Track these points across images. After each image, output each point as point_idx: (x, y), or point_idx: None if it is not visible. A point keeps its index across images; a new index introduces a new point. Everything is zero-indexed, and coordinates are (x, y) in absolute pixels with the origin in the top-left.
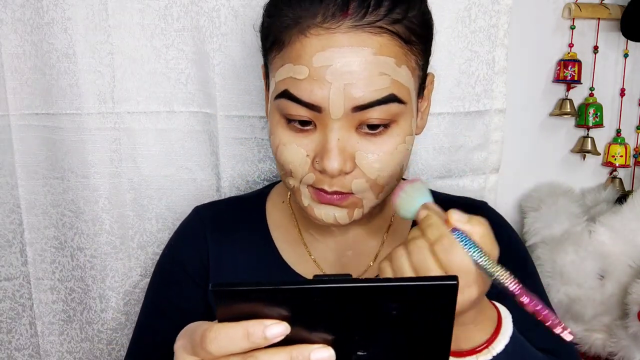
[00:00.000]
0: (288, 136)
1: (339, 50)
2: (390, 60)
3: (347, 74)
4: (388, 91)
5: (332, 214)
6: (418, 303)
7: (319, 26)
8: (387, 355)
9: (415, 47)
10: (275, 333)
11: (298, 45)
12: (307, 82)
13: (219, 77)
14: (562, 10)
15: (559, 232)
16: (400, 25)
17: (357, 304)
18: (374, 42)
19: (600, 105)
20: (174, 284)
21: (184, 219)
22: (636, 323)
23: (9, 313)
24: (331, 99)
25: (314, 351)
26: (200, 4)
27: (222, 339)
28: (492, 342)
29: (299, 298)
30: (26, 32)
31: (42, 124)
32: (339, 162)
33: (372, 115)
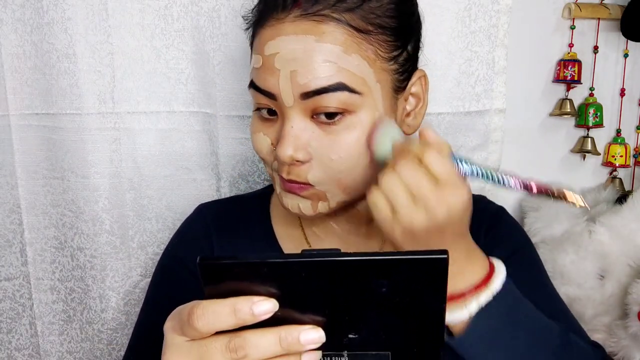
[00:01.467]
0: (257, 125)
1: (286, 38)
2: (336, 48)
3: (291, 61)
4: (335, 79)
5: (296, 203)
6: (408, 279)
7: (273, 17)
8: (379, 337)
9: (375, 37)
10: (263, 310)
11: (258, 37)
12: (262, 71)
13: (219, 77)
14: (562, 10)
15: (559, 232)
16: (352, 14)
17: (346, 280)
18: (317, 30)
19: (600, 105)
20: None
21: (187, 218)
22: (636, 323)
23: (9, 313)
24: (281, 87)
25: (304, 332)
26: (200, 4)
27: (209, 315)
28: (489, 279)
29: (287, 273)
30: (26, 32)
31: (42, 124)
32: (290, 150)
33: (322, 103)
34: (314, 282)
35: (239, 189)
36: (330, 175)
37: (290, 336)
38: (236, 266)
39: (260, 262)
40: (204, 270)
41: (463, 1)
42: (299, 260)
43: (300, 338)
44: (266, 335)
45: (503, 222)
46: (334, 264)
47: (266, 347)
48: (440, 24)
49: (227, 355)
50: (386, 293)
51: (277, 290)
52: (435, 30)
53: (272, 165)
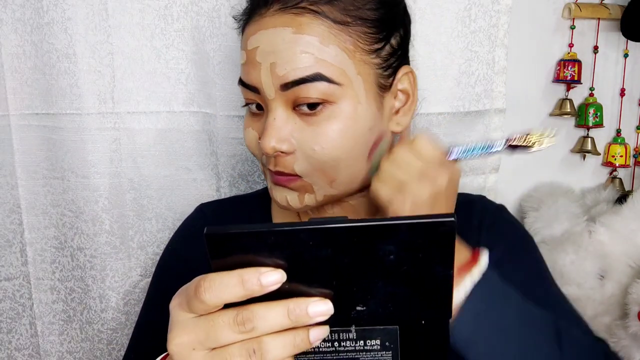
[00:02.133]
0: (248, 121)
1: (265, 32)
2: (313, 39)
3: (271, 53)
4: (313, 69)
5: (284, 196)
6: (416, 244)
7: (256, 13)
8: (387, 309)
9: (354, 29)
10: (271, 280)
11: (244, 34)
12: (246, 65)
13: (219, 77)
14: (562, 10)
15: (559, 232)
16: (331, 5)
17: (353, 248)
18: (295, 22)
19: (600, 105)
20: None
21: (187, 217)
22: (636, 323)
23: (9, 313)
24: (262, 79)
25: (312, 304)
26: (200, 4)
27: (216, 287)
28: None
29: (295, 242)
30: (26, 32)
31: (42, 124)
32: (273, 141)
33: (302, 94)
34: (322, 251)
35: (239, 189)
36: (314, 167)
37: (298, 308)
38: (243, 236)
39: (268, 230)
40: (210, 241)
41: (463, 1)
42: (307, 228)
43: (309, 310)
44: (274, 307)
45: (503, 219)
46: (341, 230)
47: (274, 319)
48: (440, 24)
49: (235, 329)
50: (393, 260)
51: (285, 261)
52: (436, 30)
53: (262, 159)
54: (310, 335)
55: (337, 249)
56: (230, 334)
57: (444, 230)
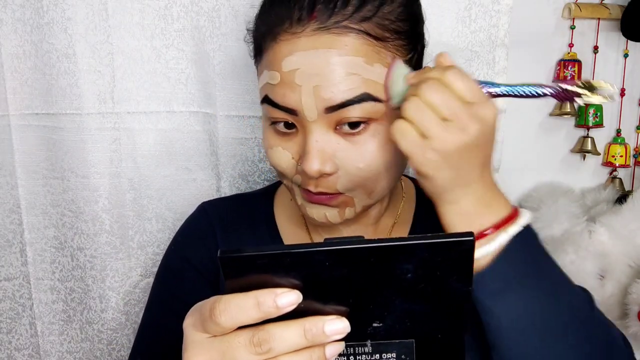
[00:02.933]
0: (275, 139)
1: (305, 53)
2: (359, 60)
3: (314, 76)
4: (360, 90)
5: (323, 213)
6: (433, 263)
7: (287, 31)
8: (404, 325)
9: (392, 44)
10: (287, 301)
11: (270, 52)
12: (280, 87)
13: (219, 77)
14: (562, 10)
15: (559, 232)
16: (369, 22)
17: (370, 267)
18: (338, 42)
19: (600, 105)
20: (182, 280)
21: (189, 216)
22: (636, 323)
23: (9, 313)
24: (303, 102)
25: (328, 322)
26: (200, 4)
27: (232, 310)
28: (516, 214)
29: (311, 263)
30: (26, 32)
31: (42, 124)
32: (317, 164)
33: (347, 115)
34: (338, 270)
35: (239, 189)
36: (357, 183)
37: (315, 327)
38: (258, 258)
39: (284, 252)
40: (225, 263)
41: (463, 1)
42: (323, 249)
43: (325, 329)
44: (290, 327)
45: None
46: (358, 250)
47: (291, 339)
48: (440, 24)
49: (252, 350)
50: (411, 279)
51: (300, 281)
52: (436, 30)
53: (294, 179)
54: (326, 352)
55: (354, 268)
56: (247, 355)
57: (463, 248)
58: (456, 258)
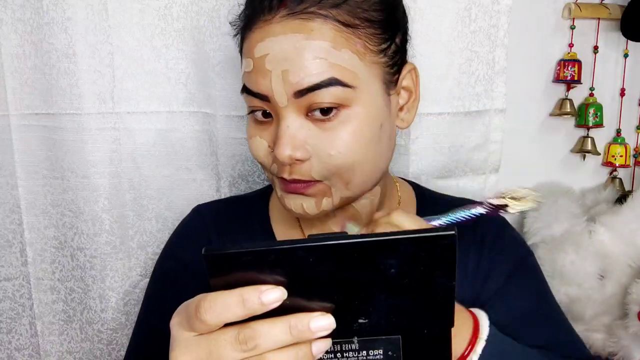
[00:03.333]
0: (253, 129)
1: (275, 39)
2: (326, 44)
3: (282, 60)
4: (327, 74)
5: (299, 203)
6: (417, 258)
7: (260, 19)
8: (389, 321)
9: (362, 31)
10: (271, 298)
11: (246, 41)
12: (253, 74)
13: (219, 77)
14: (562, 10)
15: (559, 232)
16: (338, 9)
17: (355, 263)
18: (305, 27)
19: (600, 105)
20: (176, 283)
21: (184, 218)
22: (636, 323)
23: (9, 313)
24: (273, 87)
25: (314, 319)
26: (200, 4)
27: (217, 307)
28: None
29: (295, 259)
30: (26, 32)
31: (42, 124)
32: (288, 149)
33: (316, 100)
34: (322, 267)
35: (239, 189)
36: (331, 171)
37: (300, 324)
38: (242, 255)
39: (267, 249)
40: (209, 261)
41: (463, 1)
42: (307, 245)
43: (311, 325)
44: (276, 324)
45: (507, 234)
46: (342, 246)
47: (276, 336)
48: (440, 24)
49: (237, 347)
50: (395, 274)
51: (285, 278)
52: (435, 30)
53: (271, 169)
54: (313, 349)
55: (338, 264)
56: (233, 352)
57: (446, 243)
58: (439, 253)
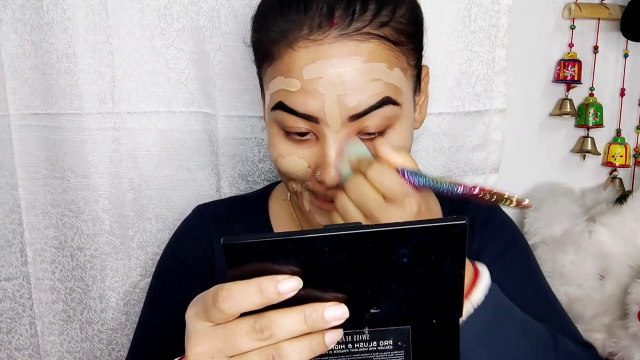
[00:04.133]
0: (287, 147)
1: (329, 61)
2: (382, 65)
3: (339, 84)
4: (382, 95)
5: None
6: (428, 247)
7: (306, 38)
8: (400, 310)
9: (406, 47)
10: (287, 287)
11: (287, 59)
12: (300, 94)
13: (219, 77)
14: (562, 10)
15: (559, 232)
16: (388, 28)
17: (368, 253)
18: (362, 49)
19: (600, 105)
20: (178, 283)
21: (184, 218)
22: (636, 323)
23: (9, 313)
24: (326, 111)
25: (328, 308)
26: (200, 4)
27: (234, 296)
28: (469, 293)
29: (311, 249)
30: (26, 32)
31: (42, 124)
32: (339, 175)
33: (368, 123)
34: (336, 256)
35: (239, 189)
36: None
37: (315, 313)
38: (260, 245)
39: (284, 239)
40: (228, 251)
41: (463, 1)
42: (323, 235)
43: (325, 314)
44: (291, 314)
45: (496, 217)
46: (356, 236)
47: (291, 325)
48: (440, 24)
49: (254, 336)
50: (407, 263)
51: (300, 268)
52: (435, 30)
53: (306, 184)
54: (325, 339)
55: (352, 254)
56: (249, 341)
57: (456, 232)
58: (450, 242)
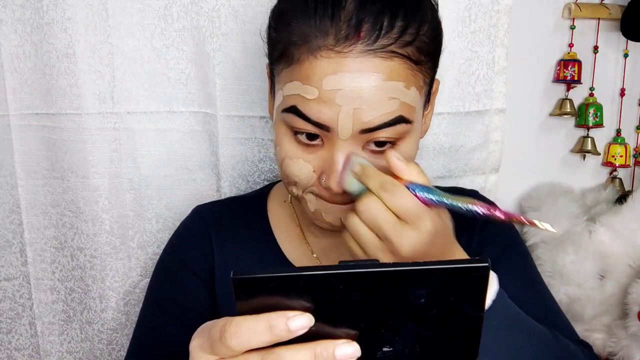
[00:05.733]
0: (295, 150)
1: (350, 75)
2: (400, 85)
3: (357, 98)
4: (396, 114)
5: (338, 217)
6: (447, 289)
7: (330, 49)
8: (413, 350)
9: (425, 66)
10: (298, 325)
11: (307, 65)
12: (316, 103)
13: (219, 77)
14: (562, 10)
15: (559, 232)
16: (412, 47)
17: (384, 291)
18: (384, 67)
19: (600, 105)
20: (178, 283)
21: (184, 219)
22: (636, 323)
23: (9, 313)
24: (340, 122)
25: (339, 346)
26: (200, 4)
27: (243, 332)
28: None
29: (324, 286)
30: (26, 32)
31: (42, 124)
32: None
33: (379, 135)
34: (352, 294)
35: (239, 189)
36: None
37: (325, 351)
38: (272, 280)
39: (297, 275)
40: (237, 285)
41: (463, 1)
42: (338, 272)
43: (336, 353)
44: (301, 351)
45: None
46: (374, 274)
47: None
48: None
49: None
50: (424, 304)
51: (311, 304)
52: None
53: (310, 189)
54: None
55: (367, 292)
56: None
57: (477, 275)
58: (470, 284)
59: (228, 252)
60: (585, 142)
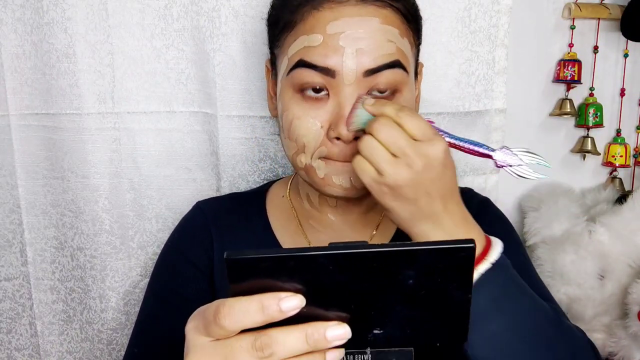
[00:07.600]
0: (302, 109)
1: (350, 19)
2: (395, 30)
3: (358, 40)
4: (394, 57)
5: (348, 178)
6: (435, 269)
7: (330, 1)
8: (404, 332)
9: (412, 26)
10: (290, 305)
11: (311, 19)
12: (322, 48)
13: (219, 77)
14: (562, 10)
15: (559, 232)
16: (400, 3)
17: (373, 273)
18: (380, 13)
19: (600, 105)
20: (179, 275)
21: (185, 214)
22: (636, 323)
23: (9, 313)
24: (345, 63)
25: (330, 328)
26: (200, 4)
27: (236, 313)
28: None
29: (315, 267)
30: (26, 32)
31: (42, 124)
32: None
33: (380, 80)
34: (341, 275)
35: (238, 189)
36: None
37: (316, 333)
38: (264, 260)
39: (289, 255)
40: (230, 266)
41: (463, 1)
42: (328, 253)
43: (327, 334)
44: (292, 332)
45: (489, 212)
46: (362, 255)
47: (292, 344)
48: (440, 24)
49: (254, 354)
50: (413, 285)
51: (303, 285)
52: (435, 30)
53: (319, 151)
54: (327, 359)
55: (357, 273)
56: (249, 359)
57: (464, 255)
58: (457, 265)
59: (227, 244)
60: (585, 142)
